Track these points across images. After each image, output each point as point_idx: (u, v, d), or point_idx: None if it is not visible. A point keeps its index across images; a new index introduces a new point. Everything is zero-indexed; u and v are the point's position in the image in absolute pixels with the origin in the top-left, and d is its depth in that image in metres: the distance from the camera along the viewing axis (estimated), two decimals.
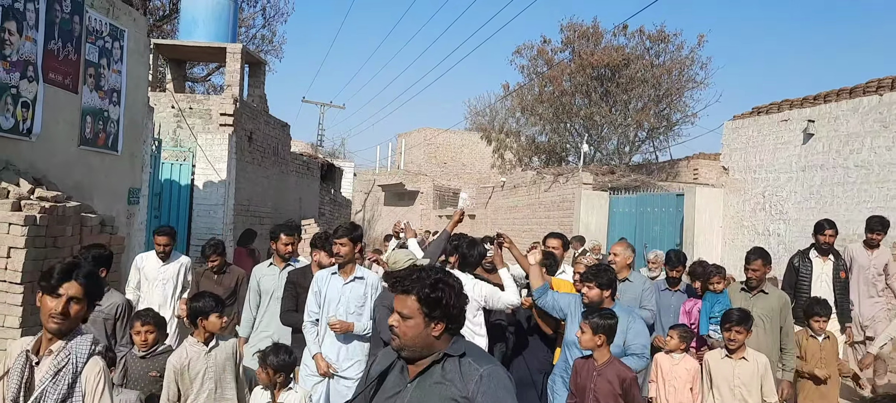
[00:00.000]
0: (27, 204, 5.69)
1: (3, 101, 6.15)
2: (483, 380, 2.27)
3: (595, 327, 4.16)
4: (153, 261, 6.28)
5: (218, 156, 11.47)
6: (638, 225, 14.28)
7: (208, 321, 4.26)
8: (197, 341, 4.29)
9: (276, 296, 5.55)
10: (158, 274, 6.24)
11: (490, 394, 2.26)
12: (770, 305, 5.53)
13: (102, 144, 7.79)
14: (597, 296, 4.52)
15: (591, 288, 4.52)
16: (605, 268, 4.70)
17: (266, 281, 5.75)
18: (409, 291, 2.38)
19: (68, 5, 7.03)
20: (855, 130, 9.86)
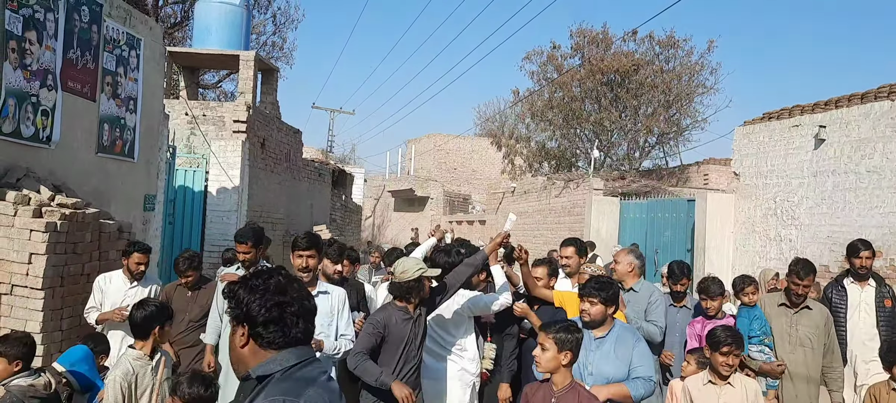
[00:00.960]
0: (48, 210, 5.78)
1: (24, 110, 6.26)
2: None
3: (561, 343, 3.47)
4: (119, 283, 5.54)
5: (231, 162, 11.59)
6: (649, 231, 14.30)
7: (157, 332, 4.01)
8: (141, 354, 3.95)
9: None
10: (125, 299, 5.40)
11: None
12: (815, 322, 5.02)
13: (119, 151, 7.90)
14: (600, 314, 4.01)
15: (594, 304, 4.00)
16: (608, 281, 4.18)
17: None
18: None
19: (87, 15, 7.14)
20: (867, 135, 9.86)
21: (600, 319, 4.02)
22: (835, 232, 10.26)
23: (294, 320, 1.92)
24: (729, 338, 4.12)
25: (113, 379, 3.82)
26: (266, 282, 1.93)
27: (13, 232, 5.60)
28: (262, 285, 1.92)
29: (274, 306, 1.89)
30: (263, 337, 1.90)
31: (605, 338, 4.03)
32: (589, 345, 3.98)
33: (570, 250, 5.54)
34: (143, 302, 4.20)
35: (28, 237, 5.61)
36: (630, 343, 4.03)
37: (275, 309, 1.89)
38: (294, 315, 1.92)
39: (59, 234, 5.75)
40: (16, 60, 6.11)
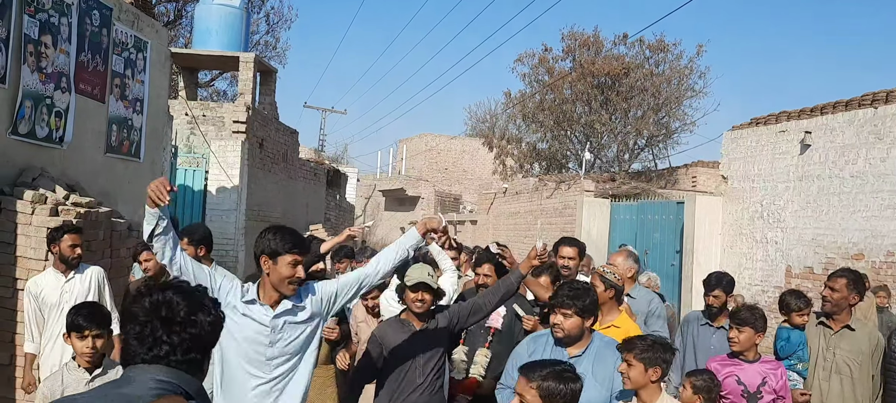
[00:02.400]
0: (64, 209, 5.99)
1: (39, 111, 6.45)
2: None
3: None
4: (51, 279, 4.90)
5: (231, 162, 11.79)
6: (639, 233, 14.60)
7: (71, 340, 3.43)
8: (77, 367, 3.43)
9: None
10: (61, 295, 4.85)
11: None
12: (858, 346, 4.26)
13: (126, 152, 8.09)
14: (575, 328, 3.40)
15: (568, 316, 3.38)
16: (584, 288, 3.53)
17: None
18: None
19: (98, 19, 7.34)
20: (850, 142, 10.19)
21: (576, 334, 3.41)
22: (819, 235, 10.59)
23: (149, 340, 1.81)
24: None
25: (39, 394, 3.40)
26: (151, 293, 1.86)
27: (30, 230, 5.80)
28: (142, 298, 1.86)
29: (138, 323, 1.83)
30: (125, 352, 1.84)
31: (582, 357, 3.40)
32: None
33: (572, 250, 5.05)
34: (78, 306, 3.61)
35: (45, 235, 5.81)
36: (611, 360, 3.38)
37: (137, 325, 1.82)
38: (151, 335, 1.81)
39: None
40: (33, 63, 6.31)
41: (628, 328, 4.03)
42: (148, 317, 1.80)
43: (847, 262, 10.00)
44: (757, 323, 4.01)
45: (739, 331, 3.98)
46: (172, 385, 1.76)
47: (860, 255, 9.89)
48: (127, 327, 1.84)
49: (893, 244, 9.46)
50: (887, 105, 9.78)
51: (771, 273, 11.42)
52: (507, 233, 21.21)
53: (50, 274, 4.96)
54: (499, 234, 21.94)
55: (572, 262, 5.02)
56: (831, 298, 4.36)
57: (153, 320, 1.79)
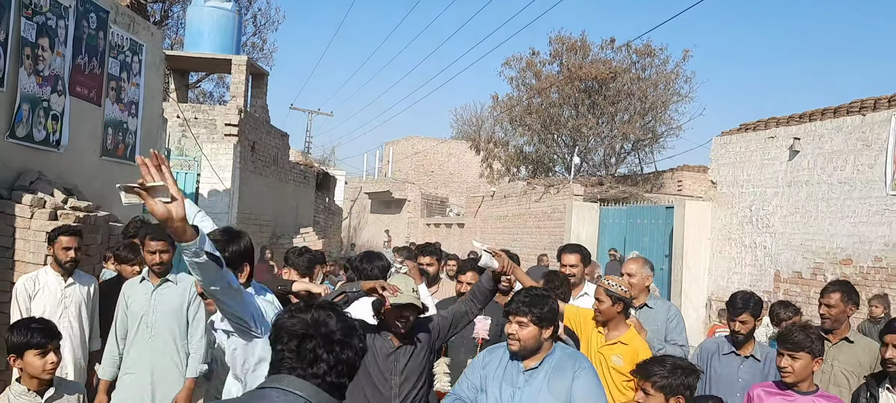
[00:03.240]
0: (62, 213, 5.95)
1: (36, 114, 6.41)
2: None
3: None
4: (51, 280, 4.68)
5: (223, 165, 11.75)
6: (628, 237, 14.70)
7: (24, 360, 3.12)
8: (26, 390, 3.15)
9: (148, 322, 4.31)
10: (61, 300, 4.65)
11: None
12: (856, 359, 4.19)
13: (121, 155, 8.06)
14: (531, 339, 3.03)
15: (523, 325, 3.02)
16: (542, 295, 3.13)
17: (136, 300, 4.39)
18: None
19: (94, 21, 7.30)
20: (839, 148, 10.34)
21: (533, 346, 3.04)
22: (808, 240, 10.72)
23: (311, 356, 1.79)
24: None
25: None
26: (308, 311, 1.87)
27: (29, 235, 5.77)
28: (303, 311, 1.87)
29: (296, 334, 1.82)
30: (273, 363, 1.83)
31: (537, 370, 3.06)
32: (516, 381, 3.06)
33: (574, 257, 4.81)
34: (18, 322, 3.34)
35: (44, 239, 5.77)
36: (569, 372, 3.02)
37: (296, 338, 1.81)
38: (312, 352, 1.80)
39: None
40: (30, 66, 6.27)
41: (636, 345, 3.84)
42: (308, 332, 1.79)
43: (835, 267, 10.15)
44: (814, 347, 3.36)
45: (793, 358, 3.33)
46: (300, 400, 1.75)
47: (848, 260, 10.03)
48: (283, 339, 1.81)
49: (881, 249, 9.60)
50: (875, 112, 9.93)
51: (759, 277, 11.55)
52: (495, 237, 21.26)
53: (50, 274, 4.69)
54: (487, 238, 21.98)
55: (575, 270, 4.74)
56: (830, 314, 4.30)
57: (315, 336, 1.78)
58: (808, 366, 3.35)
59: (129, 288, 4.46)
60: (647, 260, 4.87)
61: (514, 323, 3.05)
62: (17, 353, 3.13)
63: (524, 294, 3.13)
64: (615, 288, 3.88)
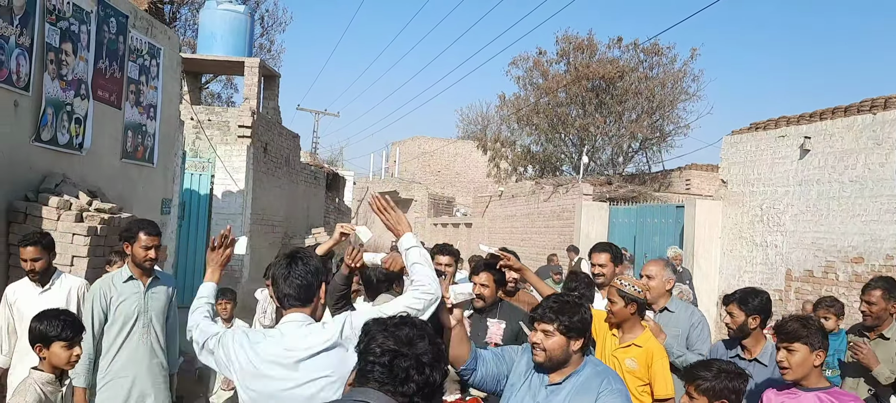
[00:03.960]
0: (88, 215, 6.05)
1: (60, 118, 6.51)
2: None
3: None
4: (28, 289, 4.50)
5: (237, 166, 11.85)
6: (638, 236, 14.75)
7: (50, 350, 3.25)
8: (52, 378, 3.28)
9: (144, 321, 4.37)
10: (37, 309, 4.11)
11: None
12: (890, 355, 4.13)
13: (141, 157, 8.16)
14: (558, 350, 2.80)
15: (549, 334, 2.80)
16: (573, 303, 2.89)
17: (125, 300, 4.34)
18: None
19: (114, 26, 7.40)
20: (849, 147, 10.38)
21: (559, 358, 2.80)
22: (819, 239, 10.77)
23: (403, 375, 1.79)
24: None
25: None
26: (399, 328, 1.87)
27: (56, 236, 5.83)
28: (394, 328, 1.88)
29: (388, 351, 1.81)
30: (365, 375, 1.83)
31: (561, 387, 2.82)
32: (537, 394, 2.85)
33: (604, 256, 4.66)
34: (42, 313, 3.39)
35: (70, 240, 5.88)
36: (594, 390, 2.76)
37: (388, 353, 1.81)
38: (405, 371, 1.80)
39: (98, 238, 6.02)
40: (54, 71, 6.37)
41: (651, 347, 3.75)
42: (401, 350, 1.78)
43: (847, 265, 10.20)
44: (812, 338, 3.11)
45: (789, 351, 3.12)
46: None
47: (860, 259, 10.07)
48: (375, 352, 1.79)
49: (892, 247, 9.64)
50: (885, 111, 9.97)
51: (771, 276, 11.60)
52: (503, 237, 21.33)
53: (26, 283, 4.53)
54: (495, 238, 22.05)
55: (604, 269, 4.60)
56: (871, 311, 4.25)
57: (408, 356, 1.77)
58: (807, 360, 3.09)
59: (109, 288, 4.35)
60: (670, 263, 4.76)
61: (540, 332, 2.80)
62: (44, 343, 3.25)
63: (553, 300, 2.89)
64: (628, 288, 3.78)
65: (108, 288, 4.36)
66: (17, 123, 5.97)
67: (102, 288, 4.36)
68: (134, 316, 4.33)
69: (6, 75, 5.76)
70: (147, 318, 4.38)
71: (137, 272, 4.41)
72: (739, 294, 3.87)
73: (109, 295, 4.33)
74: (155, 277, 4.48)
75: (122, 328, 4.30)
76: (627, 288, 3.78)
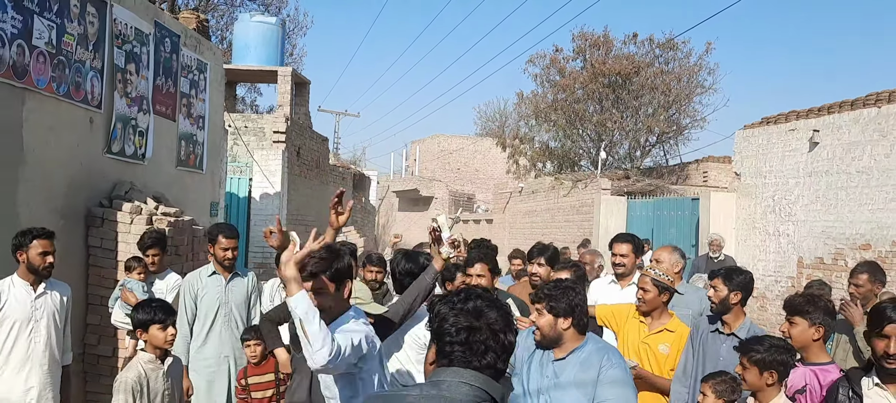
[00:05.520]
0: (157, 218, 6.74)
1: (127, 132, 7.22)
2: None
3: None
4: (21, 291, 4.31)
5: (273, 170, 12.56)
6: (655, 229, 15.29)
7: (149, 333, 3.77)
8: (153, 358, 3.79)
9: (225, 311, 5.03)
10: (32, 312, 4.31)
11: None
12: None
13: (192, 164, 8.86)
14: (547, 328, 3.13)
15: (541, 314, 3.15)
16: (563, 287, 3.20)
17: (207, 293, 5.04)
18: None
19: (169, 46, 8.10)
20: (856, 139, 10.88)
21: (550, 335, 3.13)
22: (829, 228, 11.28)
23: (481, 348, 1.86)
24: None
25: (123, 381, 3.65)
26: (465, 302, 1.93)
27: (129, 238, 6.55)
28: (461, 303, 1.93)
29: (464, 328, 1.87)
30: (447, 355, 1.88)
31: (566, 363, 3.11)
32: (545, 370, 3.15)
33: (625, 247, 4.79)
34: (141, 303, 3.95)
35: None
36: (595, 367, 3.04)
37: (464, 330, 1.87)
38: (483, 343, 1.86)
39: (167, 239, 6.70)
40: (121, 90, 7.07)
41: (682, 332, 4.00)
42: (473, 324, 1.86)
43: (855, 252, 10.70)
44: (814, 314, 3.40)
45: (791, 323, 3.45)
46: (482, 392, 1.82)
47: (867, 245, 10.58)
48: (450, 332, 1.87)
49: None
50: (890, 104, 10.46)
51: (783, 264, 12.12)
52: (524, 232, 21.92)
53: (17, 283, 4.32)
54: (515, 233, 22.65)
55: (625, 259, 4.75)
56: (858, 293, 4.55)
57: (481, 328, 1.86)
58: (806, 332, 3.38)
59: (196, 282, 5.04)
60: (678, 248, 4.91)
61: (534, 312, 3.21)
62: (144, 328, 3.78)
63: (547, 285, 3.28)
64: (662, 276, 4.01)
65: (196, 281, 5.10)
66: (92, 137, 6.68)
67: (190, 281, 5.13)
68: (216, 306, 5.02)
69: (83, 95, 6.46)
70: (228, 309, 5.06)
71: (219, 268, 5.11)
72: (724, 270, 4.01)
73: (196, 288, 5.06)
74: (235, 273, 5.17)
75: (207, 317, 5.03)
76: (661, 277, 4.01)
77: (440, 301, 1.99)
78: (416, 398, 1.82)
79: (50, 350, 4.40)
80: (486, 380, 1.84)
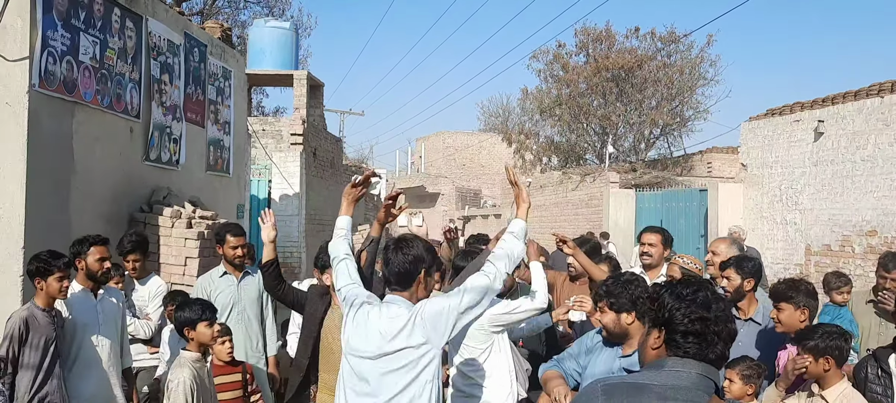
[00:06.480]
0: (195, 222, 7.07)
1: (163, 140, 7.54)
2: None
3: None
4: (82, 297, 4.44)
5: (291, 171, 12.88)
6: (664, 220, 15.59)
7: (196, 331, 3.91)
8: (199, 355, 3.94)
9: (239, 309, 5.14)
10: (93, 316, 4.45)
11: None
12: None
13: (220, 168, 9.18)
14: (612, 325, 3.14)
15: (605, 312, 3.16)
16: (624, 281, 3.20)
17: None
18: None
19: (197, 55, 8.42)
20: (860, 129, 11.18)
21: (616, 332, 3.13)
22: (835, 215, 11.59)
23: (714, 338, 1.92)
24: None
25: (181, 381, 3.72)
26: (694, 294, 1.97)
27: (171, 241, 6.89)
28: (690, 295, 1.96)
29: (697, 319, 1.92)
30: (680, 346, 1.92)
31: (635, 357, 2.99)
32: (612, 365, 3.15)
33: (655, 237, 4.80)
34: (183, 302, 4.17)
35: (183, 244, 6.90)
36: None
37: (698, 322, 1.91)
38: (715, 334, 1.92)
39: (205, 241, 7.02)
40: (157, 99, 7.39)
41: None
42: (706, 316, 1.91)
43: (862, 239, 11.01)
44: (797, 298, 3.62)
45: (777, 309, 3.66)
46: (709, 381, 1.90)
47: (873, 232, 10.88)
48: (683, 323, 1.92)
49: None
50: (893, 94, 10.75)
51: (792, 251, 12.43)
52: (533, 226, 22.23)
53: (77, 290, 4.41)
54: None
55: (653, 249, 4.80)
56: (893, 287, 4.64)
57: (711, 319, 1.91)
58: (793, 316, 3.58)
59: (208, 283, 5.13)
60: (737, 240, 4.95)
61: (598, 310, 3.21)
62: (191, 326, 3.91)
63: (610, 280, 3.26)
64: (690, 265, 4.17)
65: (208, 283, 5.19)
66: (132, 146, 7.00)
67: (202, 284, 5.20)
68: (229, 305, 5.08)
69: (123, 106, 6.78)
70: (241, 307, 5.14)
71: (230, 268, 5.19)
72: (734, 259, 4.09)
73: (209, 290, 5.10)
74: (246, 272, 5.24)
75: (221, 316, 4.79)
76: (690, 266, 4.15)
77: (667, 292, 2.01)
78: (659, 387, 1.86)
79: (114, 353, 4.51)
80: (710, 369, 1.91)
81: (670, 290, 2.00)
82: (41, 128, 5.51)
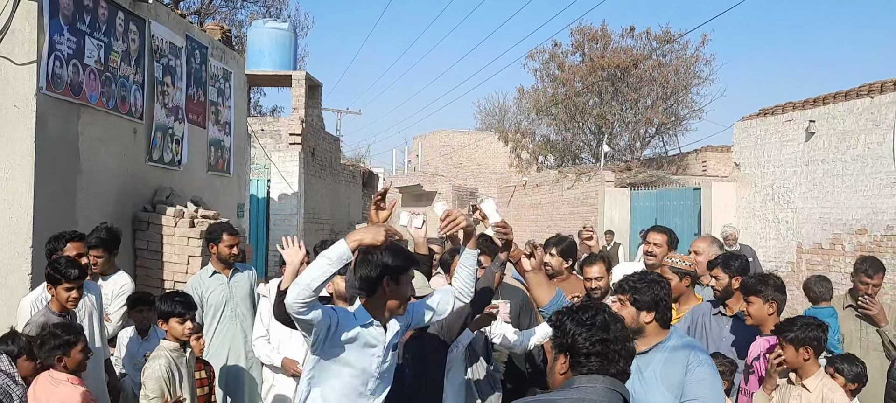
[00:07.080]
0: (197, 221, 7.21)
1: (165, 141, 7.68)
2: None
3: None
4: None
5: (290, 171, 13.03)
6: (658, 219, 15.76)
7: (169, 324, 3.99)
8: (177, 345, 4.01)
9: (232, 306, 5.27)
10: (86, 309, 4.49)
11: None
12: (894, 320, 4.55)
13: (221, 169, 9.32)
14: (630, 320, 2.99)
15: (625, 305, 3.09)
16: (648, 280, 3.13)
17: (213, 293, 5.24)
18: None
19: (198, 57, 8.56)
20: (851, 128, 11.36)
21: (633, 327, 2.98)
22: (826, 213, 11.78)
23: (616, 357, 2.04)
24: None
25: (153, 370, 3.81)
26: (593, 318, 2.08)
27: (174, 240, 7.03)
28: (589, 320, 2.08)
29: (599, 341, 2.03)
30: (585, 366, 2.04)
31: (649, 356, 3.02)
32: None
33: (661, 237, 4.76)
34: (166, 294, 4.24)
35: (185, 243, 7.04)
36: (682, 364, 2.95)
37: (599, 343, 2.03)
38: (617, 353, 2.04)
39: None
40: (160, 101, 7.54)
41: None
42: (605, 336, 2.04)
43: (852, 237, 11.20)
44: (766, 291, 3.75)
45: (747, 302, 3.80)
46: (616, 394, 2.02)
47: (863, 230, 11.07)
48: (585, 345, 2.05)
49: (892, 218, 10.63)
50: (882, 94, 10.93)
51: (783, 249, 12.61)
52: (529, 225, 22.40)
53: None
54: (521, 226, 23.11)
55: (658, 249, 4.74)
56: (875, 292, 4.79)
57: (611, 340, 2.04)
58: (762, 309, 3.73)
59: (199, 283, 5.22)
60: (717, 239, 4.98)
61: (617, 303, 3.13)
62: (164, 319, 3.99)
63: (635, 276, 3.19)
64: (679, 263, 4.24)
65: (198, 284, 5.29)
66: (135, 147, 7.14)
67: (193, 284, 5.29)
68: (223, 303, 5.22)
69: (128, 108, 6.92)
70: (234, 304, 5.27)
71: (221, 267, 5.32)
72: (721, 258, 4.18)
73: (200, 290, 5.18)
74: (235, 269, 5.38)
75: (215, 315, 5.22)
76: (679, 264, 4.22)
77: (568, 318, 2.12)
78: (562, 400, 2.00)
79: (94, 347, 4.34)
80: (617, 383, 2.04)
81: (571, 317, 2.12)
82: (48, 129, 5.65)
